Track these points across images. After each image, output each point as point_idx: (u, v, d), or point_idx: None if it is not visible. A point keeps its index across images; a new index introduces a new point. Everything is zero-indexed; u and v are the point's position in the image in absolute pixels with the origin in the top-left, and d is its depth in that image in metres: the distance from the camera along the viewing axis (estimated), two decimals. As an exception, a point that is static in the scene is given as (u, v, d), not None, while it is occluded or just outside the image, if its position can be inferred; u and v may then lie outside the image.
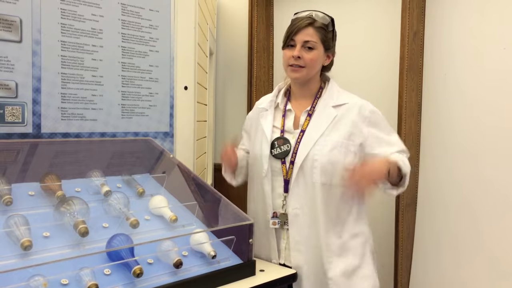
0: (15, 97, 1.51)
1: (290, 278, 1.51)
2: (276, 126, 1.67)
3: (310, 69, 1.60)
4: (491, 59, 2.07)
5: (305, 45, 1.57)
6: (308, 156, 1.55)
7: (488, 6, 2.08)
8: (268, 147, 1.63)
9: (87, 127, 1.69)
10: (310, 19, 1.58)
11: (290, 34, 1.60)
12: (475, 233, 2.13)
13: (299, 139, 1.60)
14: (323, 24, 1.59)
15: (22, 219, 1.18)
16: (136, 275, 1.14)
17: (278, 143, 1.62)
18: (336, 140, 1.56)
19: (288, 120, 1.66)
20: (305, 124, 1.62)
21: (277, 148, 1.62)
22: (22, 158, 1.52)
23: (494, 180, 2.06)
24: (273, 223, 1.61)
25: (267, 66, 2.85)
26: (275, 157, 1.61)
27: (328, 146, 1.55)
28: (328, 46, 1.62)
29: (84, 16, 1.66)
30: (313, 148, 1.55)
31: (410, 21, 2.21)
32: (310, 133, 1.59)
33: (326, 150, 1.55)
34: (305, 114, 1.64)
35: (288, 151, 1.60)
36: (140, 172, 1.66)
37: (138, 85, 1.83)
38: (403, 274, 2.30)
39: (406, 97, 2.23)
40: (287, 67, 1.62)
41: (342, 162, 1.54)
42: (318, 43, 1.58)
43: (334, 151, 1.55)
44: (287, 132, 1.64)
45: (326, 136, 1.56)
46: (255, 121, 1.76)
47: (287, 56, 1.61)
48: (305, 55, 1.57)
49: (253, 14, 2.78)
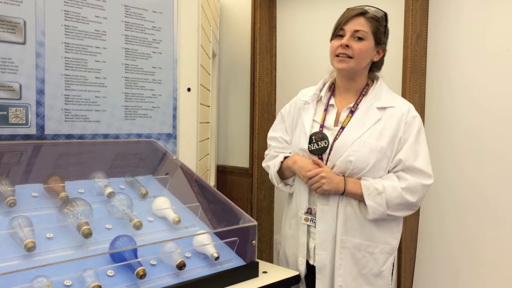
0: (19, 98, 1.51)
1: (293, 280, 1.50)
2: (316, 121, 1.62)
3: (359, 60, 1.52)
4: (495, 60, 2.06)
5: (355, 34, 1.50)
6: (343, 156, 1.51)
7: (492, 8, 2.07)
8: (306, 142, 1.58)
9: (90, 129, 1.69)
10: (361, 9, 1.53)
11: (340, 24, 1.53)
12: (479, 236, 2.12)
13: (337, 136, 1.54)
14: (376, 16, 1.53)
15: (25, 220, 1.18)
16: (139, 276, 1.14)
17: (316, 138, 1.57)
18: (375, 144, 1.50)
19: (330, 115, 1.60)
20: (346, 121, 1.56)
21: (314, 143, 1.57)
22: (25, 159, 1.53)
23: (500, 182, 2.05)
24: (305, 219, 1.58)
25: (270, 67, 2.85)
26: (312, 152, 1.57)
27: (366, 148, 1.50)
28: (379, 40, 1.55)
29: (87, 18, 1.66)
30: (349, 148, 1.51)
31: (413, 23, 2.20)
32: (349, 132, 1.53)
33: (363, 152, 1.49)
34: (347, 111, 1.58)
35: (326, 148, 1.55)
36: (143, 174, 1.67)
37: (141, 86, 1.83)
38: (406, 277, 2.30)
39: (409, 98, 2.22)
40: (334, 57, 1.55)
41: (377, 167, 1.50)
42: (369, 34, 1.51)
43: (371, 155, 1.49)
44: (327, 128, 1.59)
45: (365, 138, 1.50)
46: (296, 112, 1.70)
47: (334, 46, 1.54)
48: (354, 44, 1.50)
49: (256, 16, 2.78)
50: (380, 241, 1.54)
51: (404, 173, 1.51)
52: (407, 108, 1.55)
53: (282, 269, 1.57)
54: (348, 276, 1.53)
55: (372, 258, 1.54)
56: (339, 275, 1.53)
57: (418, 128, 1.54)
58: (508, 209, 2.03)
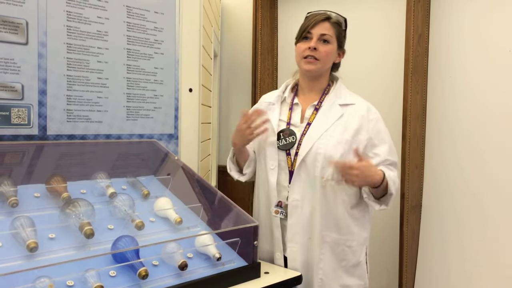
0: (21, 99, 1.52)
1: (295, 281, 1.50)
2: (282, 120, 1.69)
3: (324, 62, 1.63)
4: (497, 61, 2.06)
5: (322, 38, 1.61)
6: (312, 149, 1.57)
7: (494, 8, 2.07)
8: (274, 139, 1.64)
9: (92, 129, 1.69)
10: (326, 15, 1.63)
11: (306, 28, 1.62)
12: (480, 236, 2.12)
13: (305, 131, 1.62)
14: (339, 21, 1.65)
15: (28, 220, 1.19)
16: (141, 277, 1.14)
17: (283, 134, 1.64)
18: (341, 136, 1.58)
19: (295, 113, 1.68)
20: (312, 118, 1.64)
21: (282, 139, 1.64)
22: (27, 160, 1.53)
23: (501, 183, 2.05)
24: (275, 212, 1.62)
25: (271, 68, 2.85)
26: (280, 148, 1.63)
27: (332, 141, 1.57)
28: (341, 44, 1.67)
29: (89, 18, 1.66)
30: (317, 142, 1.58)
31: (415, 23, 2.20)
32: (316, 127, 1.61)
33: (330, 144, 1.57)
34: (312, 108, 1.67)
35: (294, 143, 1.62)
36: (145, 174, 1.67)
37: (143, 87, 1.83)
38: (408, 277, 2.29)
39: (411, 99, 2.22)
40: (301, 59, 1.63)
41: (345, 158, 1.55)
42: (333, 38, 1.62)
43: (338, 146, 1.57)
44: (293, 125, 1.66)
45: (331, 132, 1.59)
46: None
47: (301, 48, 1.63)
48: (321, 47, 1.60)
49: (257, 16, 2.78)
50: (356, 234, 1.62)
51: (388, 168, 1.60)
52: (369, 106, 1.66)
53: (283, 269, 1.57)
54: (328, 269, 1.59)
55: (350, 251, 1.62)
56: (320, 268, 1.59)
57: (382, 123, 1.65)
58: (509, 209, 2.03)
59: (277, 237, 1.63)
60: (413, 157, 2.25)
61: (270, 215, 1.65)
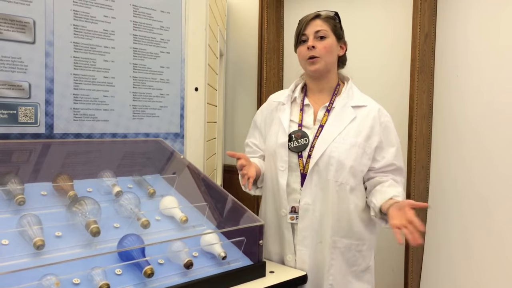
0: (28, 97, 1.53)
1: (300, 280, 1.50)
2: (293, 121, 1.66)
3: (326, 58, 1.60)
4: (504, 61, 2.05)
5: (317, 35, 1.60)
6: (325, 152, 1.55)
7: (501, 8, 2.06)
8: (286, 140, 1.61)
9: (98, 128, 1.70)
10: (315, 13, 1.64)
11: (300, 30, 1.63)
12: (486, 236, 2.10)
13: (318, 133, 1.59)
14: (330, 16, 1.64)
15: (34, 218, 1.19)
16: (147, 275, 1.15)
17: (296, 136, 1.61)
18: (354, 140, 1.56)
19: (307, 115, 1.65)
20: (324, 120, 1.62)
21: (294, 141, 1.61)
22: (34, 158, 1.54)
23: (508, 183, 2.04)
24: (290, 218, 1.60)
25: (277, 67, 2.84)
26: (292, 150, 1.61)
27: (346, 144, 1.55)
28: (339, 36, 1.65)
29: (96, 17, 1.67)
30: (331, 145, 1.55)
31: (421, 23, 2.19)
32: (329, 130, 1.59)
33: (344, 148, 1.55)
34: (323, 110, 1.64)
35: (306, 145, 1.59)
36: (150, 173, 1.67)
37: (149, 86, 1.84)
38: (413, 278, 2.29)
39: (417, 99, 2.21)
40: (305, 62, 1.63)
41: (358, 162, 1.55)
42: (329, 32, 1.61)
43: (351, 150, 1.55)
44: (305, 127, 1.64)
45: (344, 135, 1.57)
46: (269, 115, 1.74)
47: (302, 51, 1.63)
48: (318, 44, 1.60)
49: (263, 16, 2.78)
50: (367, 239, 1.61)
51: (394, 175, 1.61)
52: (380, 108, 1.64)
53: (289, 269, 1.57)
54: (339, 275, 1.57)
55: (361, 256, 1.61)
56: (330, 274, 1.57)
57: (393, 126, 1.64)
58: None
59: (288, 240, 1.61)
60: (419, 157, 2.25)
61: (278, 216, 1.63)
